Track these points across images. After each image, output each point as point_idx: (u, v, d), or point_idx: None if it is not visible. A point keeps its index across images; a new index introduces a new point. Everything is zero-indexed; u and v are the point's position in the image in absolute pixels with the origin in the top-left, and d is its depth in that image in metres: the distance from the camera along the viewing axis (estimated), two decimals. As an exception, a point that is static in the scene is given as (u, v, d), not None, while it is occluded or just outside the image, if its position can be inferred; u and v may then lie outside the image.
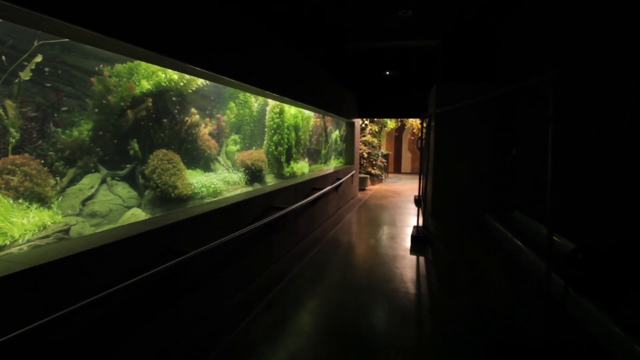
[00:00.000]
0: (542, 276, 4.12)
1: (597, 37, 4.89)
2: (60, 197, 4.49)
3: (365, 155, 15.33)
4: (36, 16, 2.40)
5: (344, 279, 5.41)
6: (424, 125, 8.48)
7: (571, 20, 5.57)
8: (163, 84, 5.29)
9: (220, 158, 6.66)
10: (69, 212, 4.42)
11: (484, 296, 4.81)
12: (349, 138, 12.69)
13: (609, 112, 4.56)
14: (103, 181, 4.98)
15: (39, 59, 4.47)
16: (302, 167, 8.48)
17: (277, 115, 7.39)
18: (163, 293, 3.50)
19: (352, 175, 11.63)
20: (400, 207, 10.92)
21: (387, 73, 11.66)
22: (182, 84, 5.50)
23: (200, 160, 6.14)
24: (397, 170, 21.89)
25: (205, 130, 6.28)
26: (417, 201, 11.60)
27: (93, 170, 5.03)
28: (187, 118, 5.97)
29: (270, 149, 7.40)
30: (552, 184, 2.87)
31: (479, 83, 8.58)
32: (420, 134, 19.54)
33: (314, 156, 10.21)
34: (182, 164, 5.46)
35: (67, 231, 4.01)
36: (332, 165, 11.51)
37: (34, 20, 2.55)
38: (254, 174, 6.66)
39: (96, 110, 4.95)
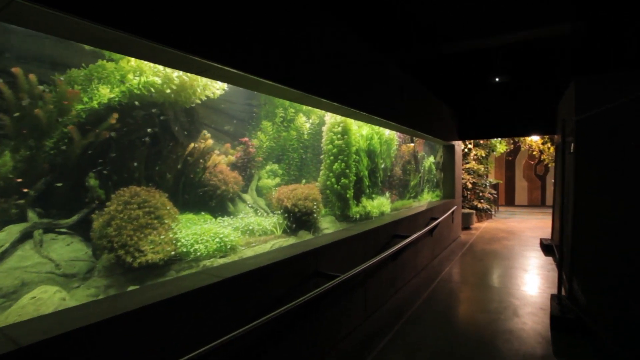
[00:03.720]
0: None
1: None
2: None
3: (470, 185, 11.98)
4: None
5: None
6: (557, 140, 5.33)
7: None
8: (136, 92, 3.27)
9: (247, 196, 4.45)
10: None
11: None
12: (447, 165, 9.66)
13: None
14: (29, 235, 3.07)
15: None
16: (380, 205, 5.89)
17: (339, 136, 5.00)
18: None
19: (453, 212, 8.56)
20: (520, 256, 7.51)
21: (497, 80, 8.54)
22: (168, 91, 3.43)
23: (210, 199, 3.98)
24: (510, 202, 17.59)
25: (220, 158, 4.14)
26: (547, 248, 8.05)
27: (17, 218, 3.16)
28: (191, 142, 3.89)
29: (329, 182, 5.00)
30: None
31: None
32: (540, 156, 15.28)
33: (400, 190, 7.52)
34: (169, 207, 3.32)
35: None
36: (425, 200, 8.59)
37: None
38: (298, 219, 4.30)
39: (26, 131, 3.10)
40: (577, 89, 5.22)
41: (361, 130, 5.55)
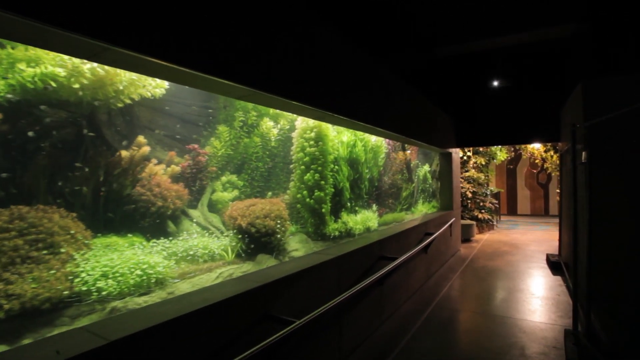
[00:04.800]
0: None
1: None
2: None
3: (470, 195, 11.08)
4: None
5: None
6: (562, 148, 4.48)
7: None
8: (30, 86, 2.50)
9: (197, 212, 3.65)
10: None
11: None
12: (444, 174, 8.79)
13: None
14: None
15: None
16: (365, 221, 5.05)
17: (311, 142, 4.20)
18: None
19: (451, 224, 7.68)
20: (526, 275, 6.60)
21: (495, 84, 7.72)
22: (77, 86, 2.65)
23: (143, 218, 3.18)
24: (512, 211, 16.59)
25: (159, 168, 3.35)
26: (554, 266, 7.09)
27: None
28: (120, 150, 3.11)
29: (300, 195, 4.18)
30: None
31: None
32: (543, 164, 14.22)
33: (390, 201, 6.68)
34: (75, 231, 2.52)
35: None
36: (420, 212, 7.72)
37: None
38: (256, 240, 3.47)
39: None
40: (585, 92, 4.39)
41: (341, 137, 4.74)
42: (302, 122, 4.22)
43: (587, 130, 3.65)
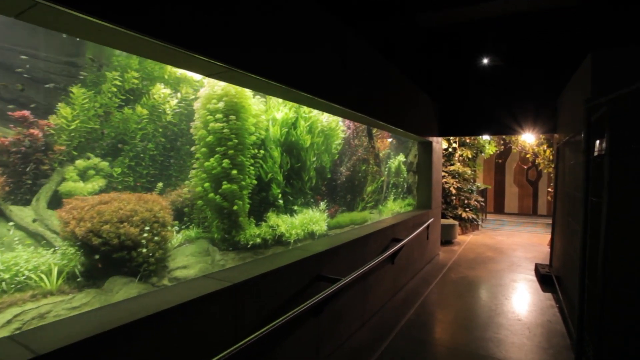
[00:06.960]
0: None
1: None
2: None
3: (454, 191, 9.95)
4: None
5: None
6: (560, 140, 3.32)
7: None
8: None
9: (26, 211, 2.44)
10: None
11: None
12: (423, 167, 7.60)
13: None
14: None
15: None
16: (306, 223, 3.86)
17: (219, 116, 2.96)
18: None
19: (428, 226, 6.54)
20: (511, 290, 5.50)
21: (485, 62, 6.55)
22: None
23: None
24: (499, 209, 15.53)
25: None
26: (545, 280, 5.94)
27: None
28: None
29: (201, 189, 2.98)
30: None
31: None
32: (535, 160, 13.03)
33: (348, 198, 5.45)
34: None
35: None
36: (390, 211, 6.54)
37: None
38: (107, 255, 2.28)
39: None
40: (596, 65, 3.23)
41: (272, 113, 3.54)
42: (207, 88, 3.00)
43: (609, 108, 2.48)
